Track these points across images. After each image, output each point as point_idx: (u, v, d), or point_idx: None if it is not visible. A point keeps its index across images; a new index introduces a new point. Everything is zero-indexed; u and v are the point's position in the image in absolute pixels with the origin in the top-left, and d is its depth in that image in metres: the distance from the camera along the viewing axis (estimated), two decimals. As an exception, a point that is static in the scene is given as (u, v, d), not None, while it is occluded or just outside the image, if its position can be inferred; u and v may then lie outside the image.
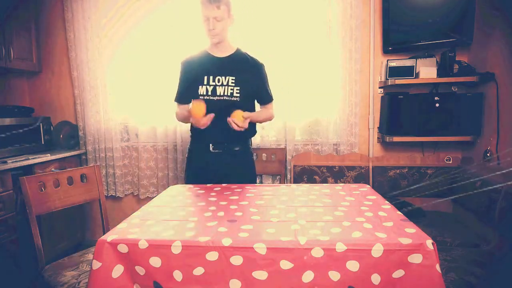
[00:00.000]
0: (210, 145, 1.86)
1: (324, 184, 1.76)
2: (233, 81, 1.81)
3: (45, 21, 2.77)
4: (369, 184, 2.34)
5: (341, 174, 2.49)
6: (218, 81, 1.81)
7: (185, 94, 1.91)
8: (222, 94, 1.81)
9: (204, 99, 1.79)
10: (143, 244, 1.06)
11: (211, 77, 1.82)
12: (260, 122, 2.03)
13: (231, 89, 1.81)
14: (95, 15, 2.64)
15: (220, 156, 1.87)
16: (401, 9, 2.32)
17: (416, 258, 0.97)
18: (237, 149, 1.89)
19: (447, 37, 2.24)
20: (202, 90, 1.81)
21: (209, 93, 1.81)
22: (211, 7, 1.69)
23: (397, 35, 2.35)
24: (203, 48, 1.91)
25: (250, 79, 1.85)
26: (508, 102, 1.94)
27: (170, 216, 1.29)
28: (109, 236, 1.09)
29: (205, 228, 1.15)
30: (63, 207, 1.67)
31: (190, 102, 1.91)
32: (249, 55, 1.91)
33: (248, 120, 1.70)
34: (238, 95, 1.81)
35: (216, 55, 1.86)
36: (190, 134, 1.96)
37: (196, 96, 1.82)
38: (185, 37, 2.56)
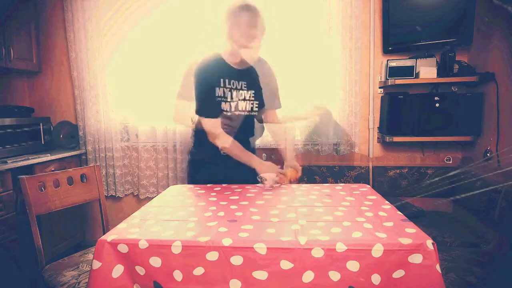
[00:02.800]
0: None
1: (324, 184, 1.76)
2: (253, 96, 1.83)
3: (45, 21, 2.77)
4: (369, 184, 2.34)
5: (341, 174, 2.49)
6: (241, 96, 1.79)
7: (209, 105, 1.75)
8: (243, 109, 1.80)
9: (227, 115, 1.76)
10: (143, 244, 1.06)
11: (234, 93, 1.77)
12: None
13: (250, 104, 1.81)
14: (95, 15, 2.64)
15: (230, 158, 1.86)
16: (401, 9, 2.32)
17: (416, 258, 0.97)
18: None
19: (447, 37, 2.24)
20: (225, 106, 1.75)
21: (232, 109, 1.78)
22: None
23: (397, 35, 2.36)
24: (217, 52, 1.82)
25: (263, 90, 1.87)
26: (508, 102, 1.94)
27: (170, 216, 1.29)
28: (109, 236, 1.09)
29: (205, 228, 1.15)
30: (63, 207, 1.67)
31: (218, 115, 1.78)
32: (266, 62, 1.91)
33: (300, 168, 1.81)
34: (256, 109, 1.84)
35: (234, 66, 1.79)
36: (193, 137, 1.95)
37: (219, 111, 1.75)
38: (185, 37, 2.56)
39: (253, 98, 1.83)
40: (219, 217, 1.26)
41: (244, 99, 1.81)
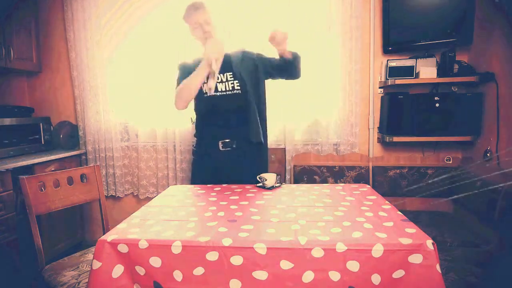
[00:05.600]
0: (220, 143, 1.87)
1: (324, 184, 1.76)
2: (231, 76, 1.86)
3: (45, 21, 2.77)
4: (369, 184, 2.34)
5: (341, 174, 2.49)
6: (218, 79, 1.84)
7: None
8: (223, 90, 1.85)
9: (207, 96, 1.82)
10: (143, 244, 1.06)
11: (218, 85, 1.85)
12: None
13: (231, 84, 1.86)
14: (95, 15, 2.63)
15: (230, 154, 1.88)
16: (401, 9, 2.32)
17: (416, 258, 0.97)
18: (246, 144, 1.92)
19: (447, 37, 2.24)
20: (204, 87, 1.82)
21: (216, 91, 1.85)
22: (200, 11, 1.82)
23: (397, 35, 2.35)
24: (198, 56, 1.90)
25: (247, 70, 1.88)
26: (508, 102, 1.94)
27: (170, 216, 1.29)
28: (109, 236, 1.09)
29: (205, 228, 1.15)
30: (63, 207, 1.67)
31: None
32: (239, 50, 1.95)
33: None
34: (238, 87, 1.85)
35: None
36: (195, 135, 1.98)
37: (201, 94, 1.83)
38: (185, 38, 2.55)
39: (232, 78, 1.86)
40: (219, 217, 1.26)
41: (222, 81, 1.86)
